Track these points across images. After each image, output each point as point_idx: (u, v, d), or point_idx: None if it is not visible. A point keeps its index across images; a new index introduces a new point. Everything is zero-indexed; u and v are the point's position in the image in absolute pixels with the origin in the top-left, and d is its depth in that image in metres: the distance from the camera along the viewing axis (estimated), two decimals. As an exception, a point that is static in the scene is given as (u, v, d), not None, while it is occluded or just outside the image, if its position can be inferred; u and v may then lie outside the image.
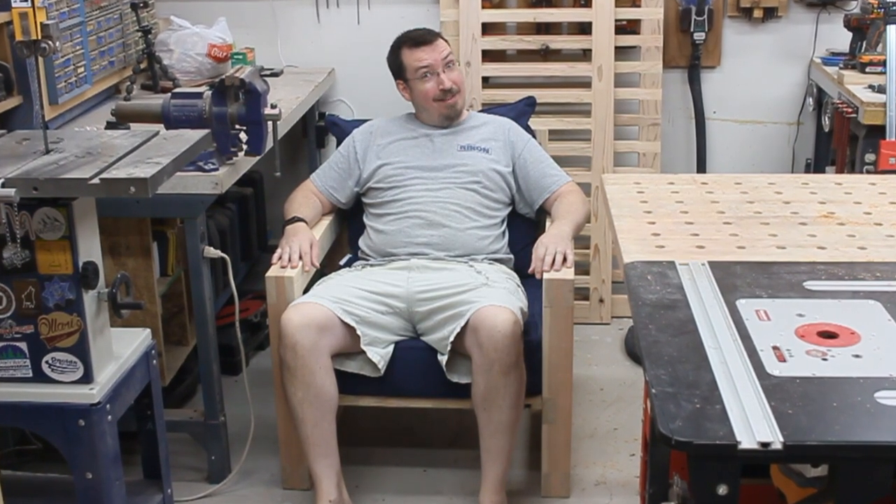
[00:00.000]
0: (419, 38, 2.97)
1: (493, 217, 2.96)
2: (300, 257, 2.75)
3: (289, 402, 2.65)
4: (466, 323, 2.55)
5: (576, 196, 2.97)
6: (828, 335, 1.56)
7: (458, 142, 3.02)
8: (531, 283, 2.82)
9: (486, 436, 2.62)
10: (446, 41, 3.04)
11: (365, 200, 3.03)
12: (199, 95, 2.60)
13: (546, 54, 3.78)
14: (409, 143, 3.03)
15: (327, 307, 2.61)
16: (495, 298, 2.60)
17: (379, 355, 2.65)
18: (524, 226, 3.09)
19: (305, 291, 2.78)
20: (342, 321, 2.62)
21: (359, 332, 2.62)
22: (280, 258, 2.75)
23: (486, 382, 2.55)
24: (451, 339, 2.57)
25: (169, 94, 2.63)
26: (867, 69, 3.39)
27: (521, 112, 3.27)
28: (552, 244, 2.72)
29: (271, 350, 2.77)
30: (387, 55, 3.04)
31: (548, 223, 2.96)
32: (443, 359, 2.63)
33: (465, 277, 2.74)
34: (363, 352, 2.64)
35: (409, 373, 2.72)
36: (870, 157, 3.13)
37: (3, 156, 2.06)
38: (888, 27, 3.18)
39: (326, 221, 3.04)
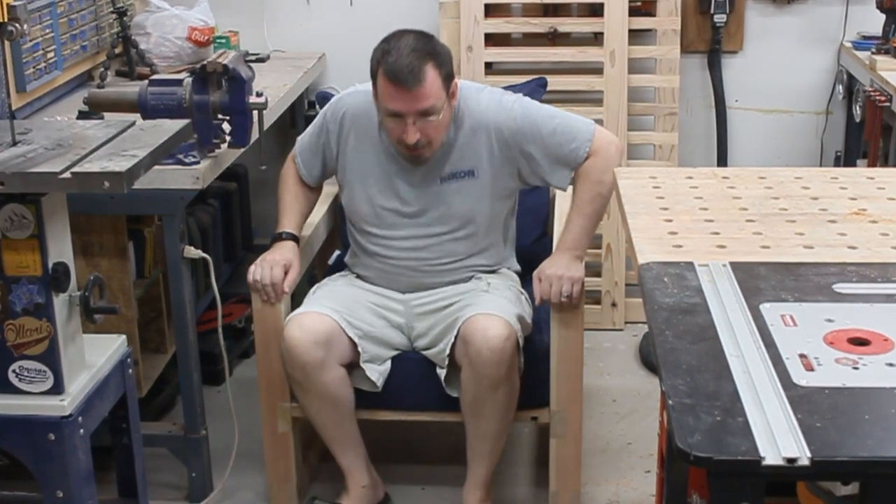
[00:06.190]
0: (398, 76, 2.50)
1: (493, 245, 2.80)
2: (274, 287, 2.67)
3: (304, 412, 2.70)
4: (458, 332, 2.56)
5: (587, 184, 2.67)
6: (859, 342, 1.56)
7: (436, 172, 2.69)
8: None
9: (472, 439, 2.68)
10: (448, 77, 2.57)
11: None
12: (178, 83, 2.60)
13: (554, 38, 3.78)
14: (378, 168, 2.71)
15: (331, 318, 2.61)
16: (489, 306, 2.58)
17: (378, 372, 2.67)
18: (531, 218, 3.07)
19: (294, 297, 2.78)
20: (345, 333, 2.62)
21: (360, 349, 2.63)
22: (253, 280, 2.68)
23: (473, 393, 2.58)
24: (447, 351, 2.59)
25: (146, 82, 2.63)
26: (902, 54, 3.40)
27: (532, 91, 3.22)
28: (557, 280, 2.58)
29: (257, 358, 2.77)
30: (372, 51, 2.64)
31: (556, 212, 2.92)
32: (441, 372, 2.64)
33: (467, 286, 2.75)
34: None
35: (407, 385, 2.72)
36: (904, 149, 3.13)
37: (-33, 148, 2.06)
38: (925, 9, 3.20)
39: (319, 215, 3.01)
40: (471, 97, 2.70)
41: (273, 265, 2.68)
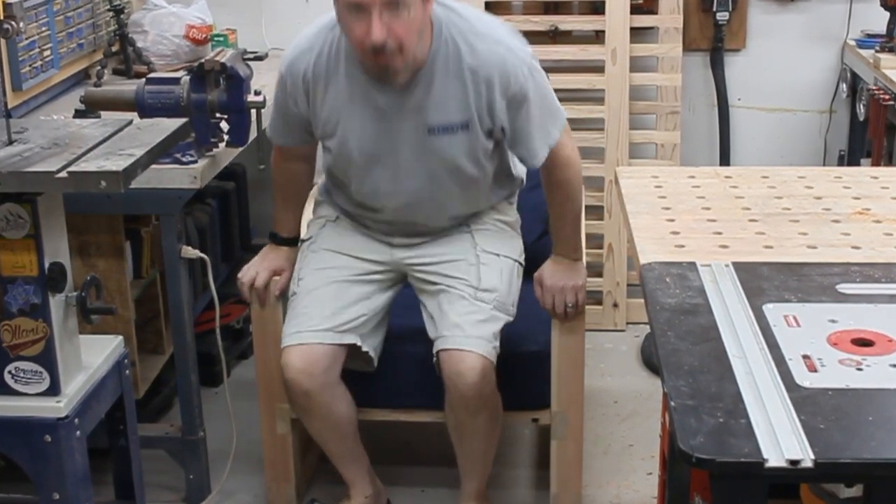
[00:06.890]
0: None
1: (486, 186, 2.64)
2: (257, 293, 2.70)
3: (307, 429, 2.71)
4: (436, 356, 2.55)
5: (560, 194, 2.62)
6: (863, 343, 1.56)
7: (420, 119, 2.43)
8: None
9: (460, 457, 2.69)
10: None
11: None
12: (176, 81, 2.60)
13: (555, 36, 3.78)
14: (352, 103, 2.46)
15: (327, 343, 2.57)
16: (465, 335, 2.50)
17: (372, 348, 2.63)
18: (532, 218, 3.05)
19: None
20: (341, 343, 2.60)
21: (359, 344, 2.61)
22: (239, 281, 2.71)
23: (454, 418, 2.59)
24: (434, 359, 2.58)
25: (143, 80, 2.63)
26: (906, 52, 3.40)
27: None
28: (559, 291, 2.59)
29: (255, 359, 2.77)
30: None
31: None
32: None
33: (458, 249, 2.64)
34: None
35: (405, 383, 2.72)
36: (909, 148, 3.14)
37: (-38, 147, 2.06)
38: (929, 7, 3.20)
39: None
40: (471, 33, 2.38)
41: (260, 271, 2.70)
